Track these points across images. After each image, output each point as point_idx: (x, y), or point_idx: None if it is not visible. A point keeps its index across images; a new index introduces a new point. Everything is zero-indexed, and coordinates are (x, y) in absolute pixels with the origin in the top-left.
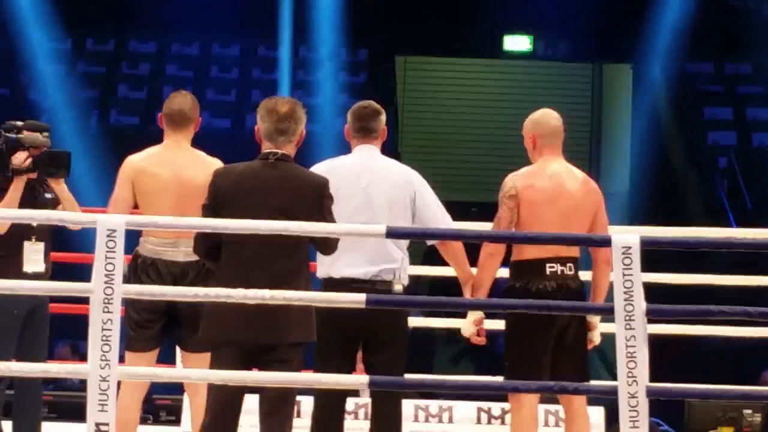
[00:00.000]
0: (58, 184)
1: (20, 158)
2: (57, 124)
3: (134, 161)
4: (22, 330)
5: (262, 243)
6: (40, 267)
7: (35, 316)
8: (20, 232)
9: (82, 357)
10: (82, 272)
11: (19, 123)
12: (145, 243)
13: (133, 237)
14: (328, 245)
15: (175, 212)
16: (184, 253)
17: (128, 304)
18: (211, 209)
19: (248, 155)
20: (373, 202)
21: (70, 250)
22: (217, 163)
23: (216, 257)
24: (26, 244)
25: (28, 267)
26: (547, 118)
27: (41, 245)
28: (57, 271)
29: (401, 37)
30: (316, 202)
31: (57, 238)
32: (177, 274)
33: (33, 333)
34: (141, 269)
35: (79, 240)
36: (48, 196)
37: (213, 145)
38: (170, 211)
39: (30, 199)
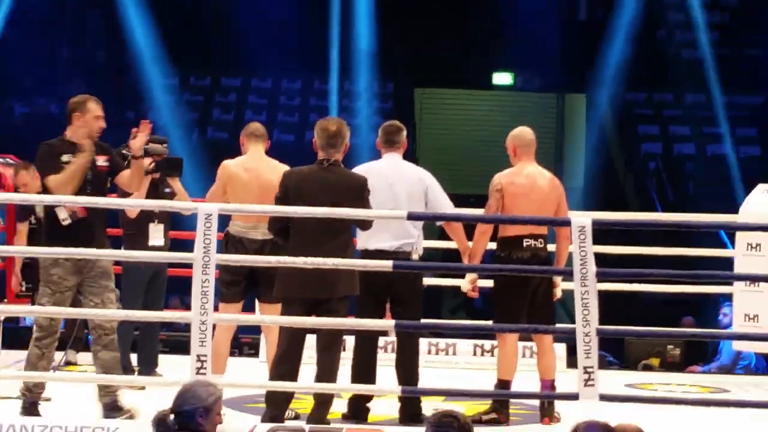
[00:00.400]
0: (174, 182)
1: (146, 163)
2: (170, 138)
3: (228, 166)
4: (147, 287)
5: (319, 225)
6: (161, 242)
7: (157, 279)
8: (146, 217)
9: (188, 307)
10: (191, 246)
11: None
12: (234, 225)
13: (223, 221)
14: (366, 224)
15: (255, 203)
16: (262, 233)
17: (222, 268)
18: (282, 200)
19: (308, 161)
20: (397, 194)
21: (183, 230)
22: (285, 168)
23: (285, 236)
24: (151, 225)
25: (152, 241)
26: (523, 132)
27: (161, 226)
28: (174, 245)
29: (418, 74)
30: (359, 194)
31: (174, 221)
32: (257, 248)
33: (155, 290)
34: (231, 244)
35: (190, 223)
36: (167, 190)
37: (282, 154)
38: (252, 202)
39: (154, 193)
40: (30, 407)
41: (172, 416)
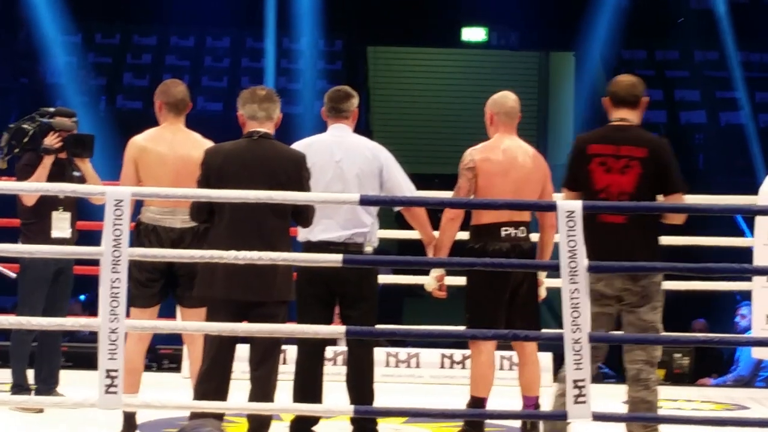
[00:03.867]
0: (83, 163)
1: (51, 140)
2: (70, 107)
3: (137, 141)
4: (49, 288)
5: (249, 211)
6: (67, 233)
7: (61, 276)
8: (49, 203)
9: (91, 312)
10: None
11: (51, 109)
12: (146, 211)
13: (136, 208)
14: (305, 217)
15: (173, 185)
16: (181, 220)
17: (132, 265)
18: (205, 182)
19: (238, 135)
20: (345, 174)
21: (94, 220)
22: (209, 144)
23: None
24: (54, 213)
25: (56, 233)
26: (504, 99)
27: (68, 215)
28: (85, 239)
29: (372, 30)
30: (296, 173)
31: (86, 209)
32: (175, 238)
33: (57, 291)
34: (143, 234)
35: (102, 212)
36: (76, 174)
37: (207, 125)
38: (169, 184)
39: (60, 176)
40: None
41: None
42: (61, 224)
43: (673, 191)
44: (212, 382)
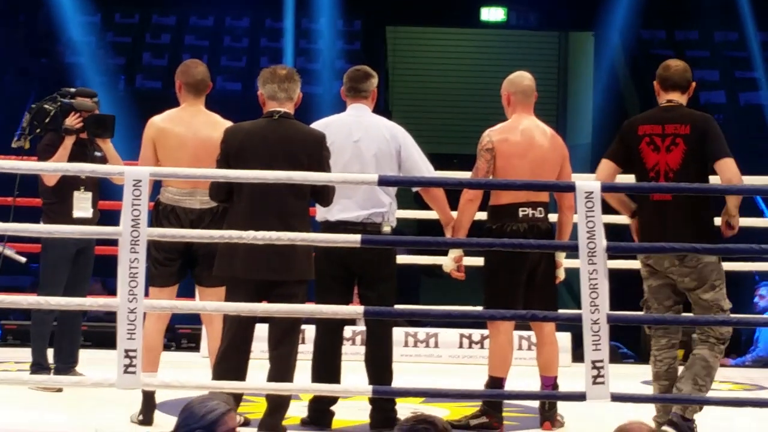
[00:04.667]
0: (105, 143)
1: (72, 120)
2: (90, 87)
3: (156, 122)
4: (70, 268)
5: (268, 191)
6: (88, 213)
7: (81, 257)
8: (70, 183)
9: (111, 292)
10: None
11: (72, 89)
12: (166, 192)
13: (157, 189)
14: (325, 196)
15: (193, 166)
16: (200, 201)
17: (150, 245)
18: (224, 162)
19: (257, 114)
20: (363, 154)
21: (118, 200)
22: (228, 124)
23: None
24: (75, 193)
25: (77, 213)
26: (520, 78)
27: (89, 194)
28: (107, 218)
29: (390, 10)
30: (316, 153)
31: (107, 189)
32: (194, 219)
33: (78, 271)
34: (162, 215)
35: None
36: (98, 154)
37: (226, 105)
38: (188, 164)
39: (81, 156)
40: None
41: None
42: (82, 204)
43: (719, 157)
44: (231, 361)
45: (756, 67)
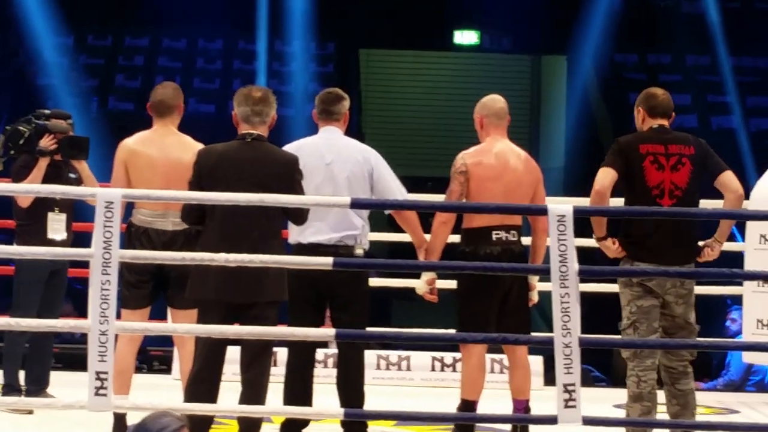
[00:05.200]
0: (80, 164)
1: (46, 142)
2: (61, 109)
3: (127, 144)
4: (44, 290)
5: (241, 213)
6: (62, 235)
7: (55, 278)
8: (44, 205)
9: (82, 314)
10: None
11: (47, 111)
12: (138, 214)
13: (127, 210)
14: (300, 216)
15: (163, 188)
16: (173, 222)
17: (123, 267)
18: (197, 184)
19: (230, 136)
20: (336, 177)
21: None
22: (199, 146)
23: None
24: (50, 214)
25: (51, 234)
26: (492, 101)
27: (63, 216)
28: (82, 240)
29: (364, 32)
30: (288, 176)
31: (83, 211)
32: (166, 241)
33: (52, 292)
34: (134, 236)
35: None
36: (72, 176)
37: (199, 127)
38: (159, 186)
39: (56, 178)
40: None
41: None
42: (56, 225)
43: (724, 169)
44: (203, 383)
45: (728, 91)
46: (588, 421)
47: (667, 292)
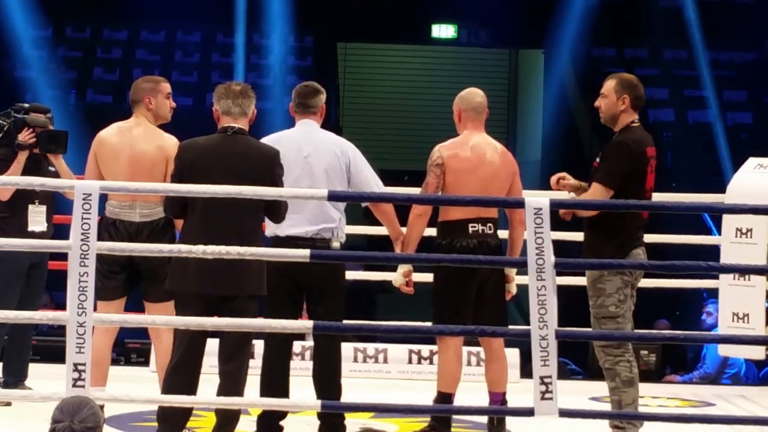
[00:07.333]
0: (57, 159)
1: (24, 136)
2: (40, 101)
3: (99, 135)
4: (24, 282)
5: (222, 206)
6: (43, 227)
7: (35, 270)
8: (24, 197)
9: (59, 306)
10: None
11: (26, 105)
12: (108, 205)
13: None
14: (277, 212)
15: (127, 178)
16: (140, 214)
17: (97, 257)
18: (178, 177)
19: (209, 129)
20: (313, 169)
21: (68, 214)
22: (170, 139)
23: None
24: (30, 207)
25: (32, 226)
26: (471, 95)
27: (43, 208)
28: (61, 233)
29: (342, 26)
30: (269, 170)
31: (62, 204)
32: (132, 232)
33: (31, 285)
34: (104, 227)
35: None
36: (52, 169)
37: (178, 120)
38: (123, 177)
39: (35, 171)
40: None
41: None
42: (37, 217)
43: None
44: (181, 375)
45: (704, 85)
46: (564, 413)
47: (638, 279)
